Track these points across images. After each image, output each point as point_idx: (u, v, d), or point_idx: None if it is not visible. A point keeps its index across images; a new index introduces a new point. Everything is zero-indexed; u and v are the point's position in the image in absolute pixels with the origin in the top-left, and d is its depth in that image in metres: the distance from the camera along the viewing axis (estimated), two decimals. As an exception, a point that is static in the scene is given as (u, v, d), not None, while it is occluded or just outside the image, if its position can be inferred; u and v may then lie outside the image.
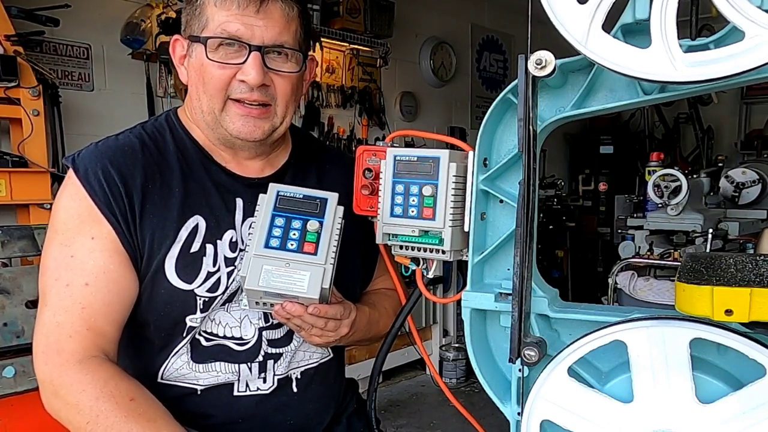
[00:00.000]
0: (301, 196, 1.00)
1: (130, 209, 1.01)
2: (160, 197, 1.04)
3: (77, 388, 0.94)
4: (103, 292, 0.99)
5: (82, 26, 3.01)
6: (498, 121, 0.86)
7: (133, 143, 1.07)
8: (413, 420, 3.50)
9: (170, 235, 1.03)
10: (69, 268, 1.00)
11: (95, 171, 1.01)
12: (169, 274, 1.03)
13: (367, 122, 4.34)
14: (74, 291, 0.99)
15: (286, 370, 1.13)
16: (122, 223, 1.01)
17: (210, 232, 1.06)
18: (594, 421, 0.72)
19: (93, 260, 1.00)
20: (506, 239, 0.86)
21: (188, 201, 1.06)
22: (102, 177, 1.01)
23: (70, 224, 1.01)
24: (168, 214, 1.04)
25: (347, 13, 3.88)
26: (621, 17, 0.70)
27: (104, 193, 1.00)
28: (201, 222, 1.06)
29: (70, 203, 1.02)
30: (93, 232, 1.00)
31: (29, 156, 2.48)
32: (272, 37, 1.01)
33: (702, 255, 0.72)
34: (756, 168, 3.42)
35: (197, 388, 1.09)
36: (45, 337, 0.98)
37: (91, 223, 1.00)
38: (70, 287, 0.99)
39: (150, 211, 1.03)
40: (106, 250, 1.00)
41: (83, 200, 1.01)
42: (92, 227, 1.00)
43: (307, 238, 0.97)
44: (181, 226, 1.04)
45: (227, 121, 1.04)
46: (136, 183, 1.03)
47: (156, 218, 1.03)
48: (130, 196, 1.02)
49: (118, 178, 1.02)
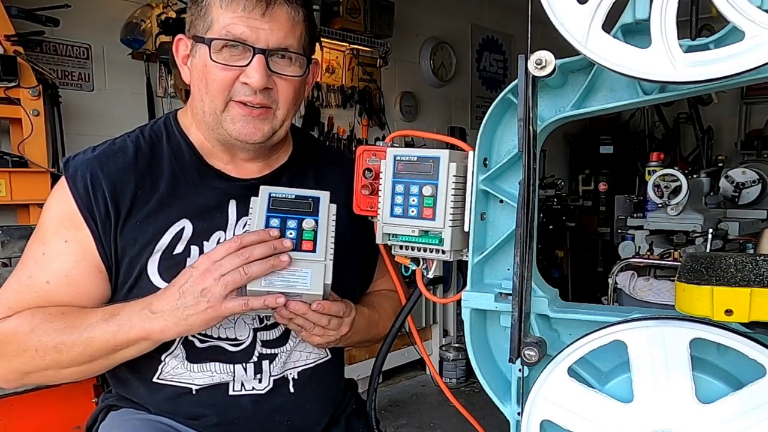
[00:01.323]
0: (293, 197, 1.00)
1: (115, 215, 1.04)
2: (148, 203, 1.06)
3: (10, 332, 1.00)
4: (61, 293, 1.03)
5: (82, 26, 3.01)
6: (498, 121, 0.86)
7: (128, 148, 1.08)
8: (413, 420, 3.50)
9: (153, 240, 1.05)
10: (37, 263, 1.04)
11: (84, 175, 1.04)
12: (153, 276, 1.04)
13: (367, 122, 4.33)
14: (33, 282, 1.03)
15: (282, 371, 1.13)
16: (100, 230, 1.03)
17: (196, 234, 1.07)
18: (594, 421, 0.72)
19: (59, 262, 1.03)
20: (506, 239, 0.86)
21: (175, 205, 1.07)
22: (89, 182, 1.04)
23: (50, 225, 1.05)
24: (154, 219, 1.05)
25: (347, 13, 3.88)
26: (621, 17, 0.70)
27: (88, 197, 1.03)
28: (187, 225, 1.07)
29: (55, 204, 1.06)
30: (68, 235, 1.04)
31: (29, 156, 2.48)
32: (277, 40, 1.00)
33: (702, 255, 0.72)
34: (756, 168, 3.41)
35: (192, 387, 1.09)
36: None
37: (69, 226, 1.04)
38: (32, 278, 1.04)
39: (136, 217, 1.05)
40: (74, 255, 1.04)
41: (67, 203, 1.04)
42: (69, 231, 1.04)
43: (305, 236, 0.98)
44: (165, 230, 1.05)
45: (228, 122, 1.04)
46: (126, 190, 1.05)
47: (141, 224, 1.05)
48: (116, 202, 1.04)
49: (106, 184, 1.04)
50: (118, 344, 0.97)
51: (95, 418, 1.18)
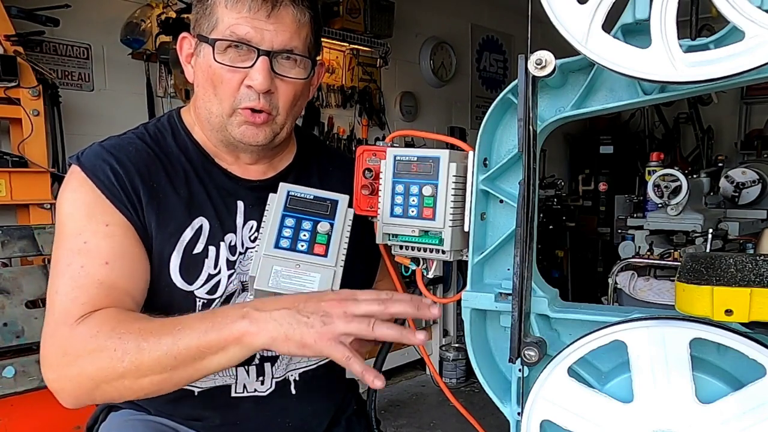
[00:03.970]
0: (311, 197, 0.99)
1: (139, 203, 1.01)
2: (165, 196, 1.04)
3: (90, 333, 0.87)
4: (125, 270, 0.95)
5: (82, 26, 3.01)
6: (498, 121, 0.86)
7: (137, 143, 1.07)
8: (413, 420, 3.50)
9: (175, 234, 1.03)
10: (82, 253, 0.95)
11: (102, 166, 1.01)
12: (173, 274, 1.02)
13: (367, 122, 4.33)
14: (91, 270, 0.93)
15: (284, 373, 1.13)
16: (134, 215, 1.00)
17: (213, 234, 1.06)
18: (594, 421, 0.72)
19: (110, 244, 0.96)
20: (506, 239, 0.86)
21: (193, 202, 1.06)
22: (110, 171, 1.00)
23: (78, 216, 0.98)
24: (173, 213, 1.04)
25: (347, 13, 3.88)
26: (621, 17, 0.70)
27: (113, 185, 0.99)
28: (205, 223, 1.05)
29: (74, 195, 1.00)
30: (106, 219, 0.97)
31: (29, 156, 2.48)
32: (282, 42, 0.99)
33: (702, 255, 0.72)
34: (756, 168, 3.41)
35: (195, 389, 1.08)
36: (54, 321, 0.91)
37: (101, 212, 0.98)
38: (86, 268, 0.93)
39: (155, 209, 1.02)
40: (123, 235, 0.97)
41: (90, 193, 0.99)
42: (104, 216, 0.98)
43: (318, 240, 0.96)
44: (186, 226, 1.04)
45: (233, 126, 1.03)
46: (142, 180, 1.02)
47: (161, 216, 1.02)
48: (137, 191, 1.01)
49: (124, 174, 1.01)
50: (209, 345, 0.83)
51: (95, 419, 1.18)
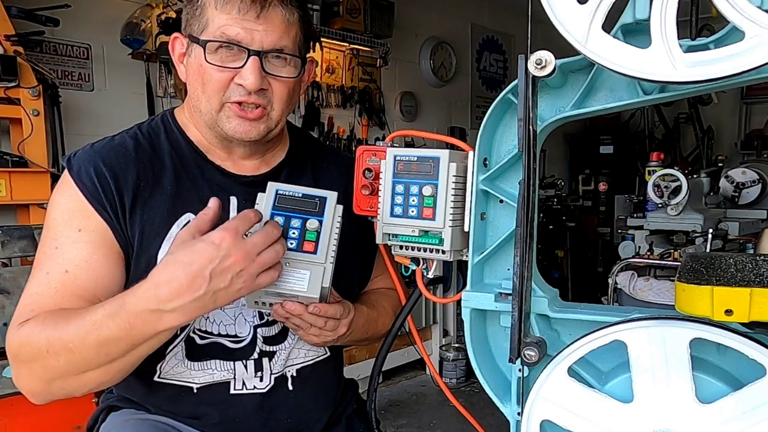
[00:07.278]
0: (300, 195, 0.99)
1: (121, 206, 1.03)
2: (152, 195, 1.05)
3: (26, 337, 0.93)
4: (82, 278, 0.99)
5: (82, 26, 3.01)
6: (498, 121, 0.86)
7: (128, 143, 1.09)
8: (413, 420, 3.50)
9: (161, 232, 1.04)
10: (52, 258, 1.00)
11: (87, 169, 1.03)
12: None
13: (367, 122, 4.33)
14: (52, 278, 0.99)
15: (282, 368, 1.13)
16: (113, 218, 1.02)
17: None
18: (594, 421, 0.72)
19: (76, 250, 1.00)
20: (506, 239, 0.86)
21: (180, 198, 1.07)
22: (93, 174, 1.03)
23: (60, 220, 1.03)
24: (159, 211, 1.05)
25: (347, 13, 3.88)
26: (621, 17, 0.70)
27: (95, 188, 1.02)
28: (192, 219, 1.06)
29: (61, 200, 1.04)
30: (80, 225, 1.01)
31: (29, 156, 2.48)
32: (272, 42, 1.01)
33: (702, 255, 0.72)
34: (756, 168, 3.41)
35: (193, 386, 1.09)
36: (12, 322, 0.97)
37: (80, 217, 1.02)
38: (50, 275, 0.99)
39: (141, 209, 1.04)
40: (92, 242, 1.01)
41: (74, 196, 1.03)
42: (80, 221, 1.02)
43: (307, 237, 0.97)
44: (172, 223, 1.05)
45: (224, 121, 1.05)
46: (128, 181, 1.04)
47: (147, 215, 1.04)
48: (121, 193, 1.03)
49: (110, 176, 1.03)
50: (133, 343, 0.88)
51: (96, 419, 1.18)
